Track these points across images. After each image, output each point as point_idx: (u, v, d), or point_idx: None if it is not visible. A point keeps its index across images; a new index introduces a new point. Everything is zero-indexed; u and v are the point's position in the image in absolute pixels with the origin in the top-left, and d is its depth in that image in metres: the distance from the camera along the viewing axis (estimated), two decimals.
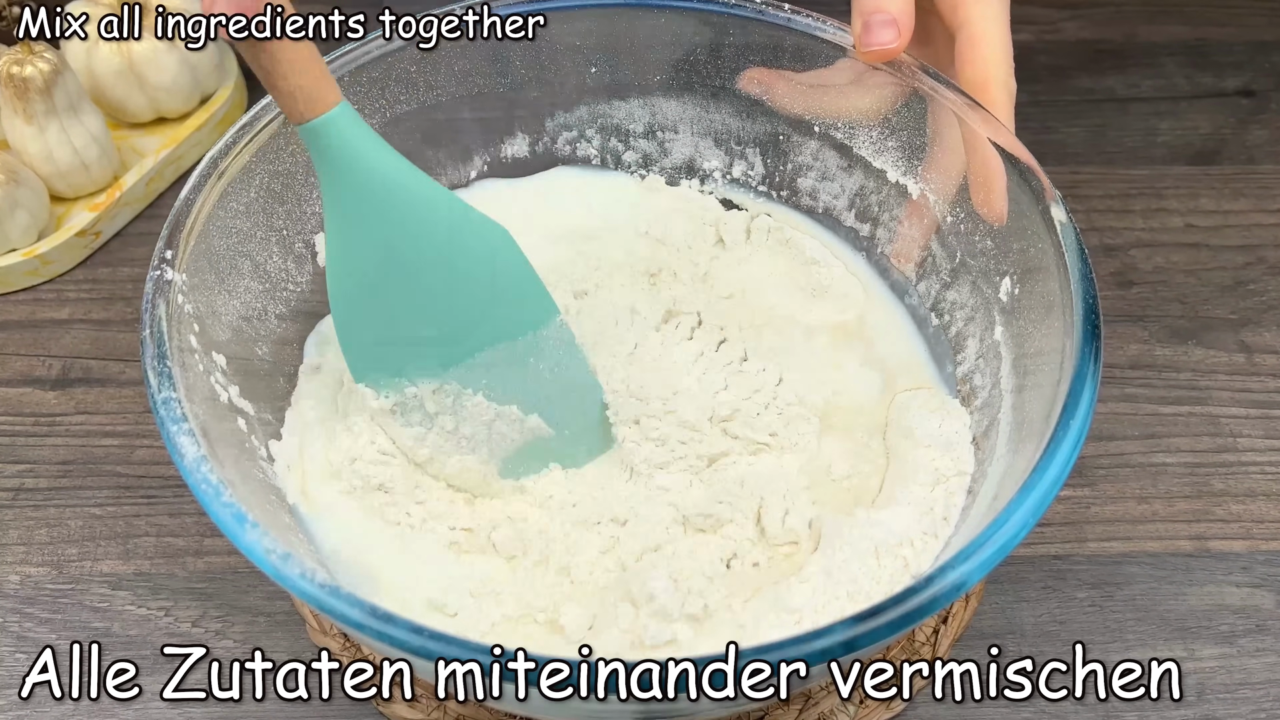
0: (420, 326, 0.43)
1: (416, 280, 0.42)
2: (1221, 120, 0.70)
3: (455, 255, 0.42)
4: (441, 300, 0.42)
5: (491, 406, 0.44)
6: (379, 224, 0.40)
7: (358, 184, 0.39)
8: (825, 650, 0.31)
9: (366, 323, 0.42)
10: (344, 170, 0.39)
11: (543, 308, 0.44)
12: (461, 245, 0.42)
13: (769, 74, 0.51)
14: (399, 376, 0.43)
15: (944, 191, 0.48)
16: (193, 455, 0.35)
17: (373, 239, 0.41)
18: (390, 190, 0.40)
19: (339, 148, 0.39)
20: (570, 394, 0.45)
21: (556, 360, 0.45)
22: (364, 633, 0.32)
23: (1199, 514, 0.52)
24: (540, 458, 0.46)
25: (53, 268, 0.61)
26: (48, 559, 0.50)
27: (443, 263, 0.42)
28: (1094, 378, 0.37)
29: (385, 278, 0.41)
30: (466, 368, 0.44)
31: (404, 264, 0.41)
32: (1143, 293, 0.61)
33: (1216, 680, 0.47)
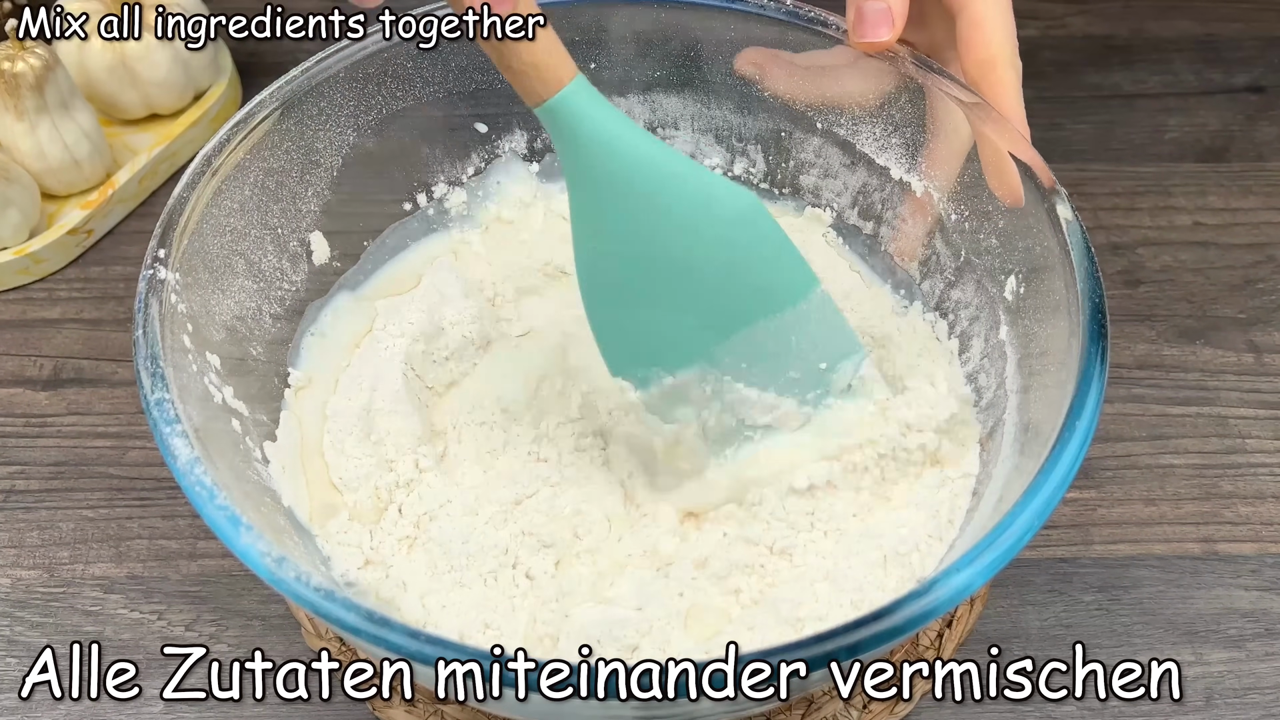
0: (676, 310, 0.41)
1: (669, 261, 0.40)
2: (1230, 117, 0.70)
3: (707, 230, 0.40)
4: (696, 280, 0.40)
5: (754, 391, 0.43)
6: (627, 203, 0.39)
7: (601, 163, 0.38)
8: (829, 654, 0.31)
9: (621, 311, 0.41)
10: (585, 149, 0.38)
11: (801, 279, 0.42)
12: (713, 219, 0.40)
13: (765, 54, 0.51)
14: (657, 366, 0.42)
15: (943, 183, 0.48)
16: (186, 457, 0.35)
17: (621, 220, 0.39)
18: (636, 166, 0.38)
19: (577, 125, 0.37)
20: (831, 370, 0.44)
21: (819, 334, 0.43)
22: (360, 637, 0.32)
23: (1207, 516, 0.52)
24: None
25: (44, 266, 0.61)
26: (39, 562, 0.50)
27: (696, 239, 0.40)
28: (1100, 378, 0.37)
29: (637, 261, 0.40)
30: (726, 350, 0.42)
31: (655, 244, 0.40)
32: (1150, 292, 0.61)
33: (1225, 685, 0.47)
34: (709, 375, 0.42)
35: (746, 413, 0.43)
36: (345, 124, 0.49)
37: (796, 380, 0.43)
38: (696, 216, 0.39)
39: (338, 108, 0.49)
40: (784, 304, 0.42)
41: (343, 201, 0.50)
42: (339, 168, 0.50)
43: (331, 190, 0.50)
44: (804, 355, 0.43)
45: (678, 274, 0.40)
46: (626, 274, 0.40)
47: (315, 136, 0.48)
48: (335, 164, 0.49)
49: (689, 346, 0.42)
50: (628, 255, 0.40)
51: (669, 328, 0.41)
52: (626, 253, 0.40)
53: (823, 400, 0.44)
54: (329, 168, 0.49)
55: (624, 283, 0.41)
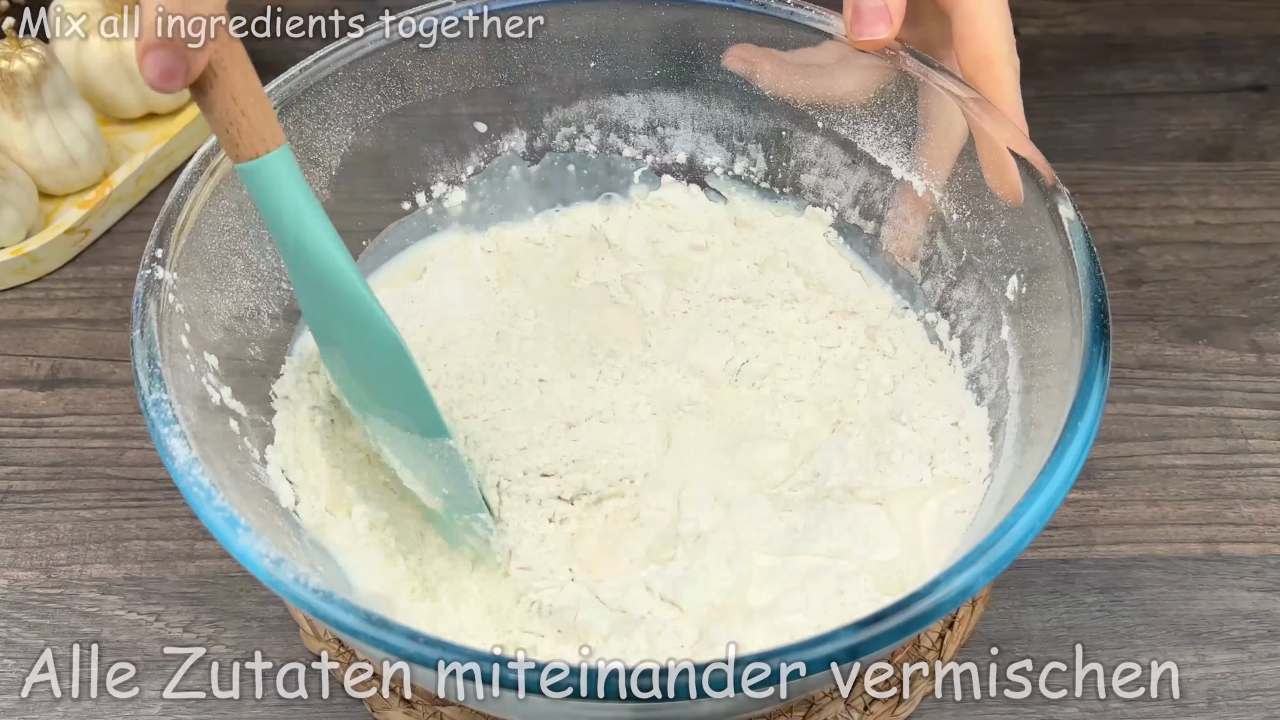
0: (340, 361, 0.43)
1: (337, 333, 0.42)
2: (1233, 116, 0.69)
3: (359, 337, 0.41)
4: (357, 364, 0.42)
5: (393, 460, 0.44)
6: (308, 277, 0.40)
7: (284, 239, 0.39)
8: (829, 656, 0.31)
9: (330, 353, 0.43)
10: (273, 222, 0.38)
11: (432, 424, 0.43)
12: (366, 336, 0.41)
13: (755, 51, 0.51)
14: (339, 388, 0.44)
15: (937, 178, 0.48)
16: (184, 458, 0.35)
17: (304, 287, 0.40)
18: (304, 251, 0.39)
19: (267, 197, 0.38)
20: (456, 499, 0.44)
21: (445, 469, 0.44)
22: (359, 639, 0.32)
23: (1210, 517, 0.52)
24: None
25: (41, 266, 0.61)
26: (36, 563, 0.50)
27: (352, 337, 0.41)
28: (1103, 378, 0.37)
29: (319, 317, 0.42)
30: (371, 422, 0.44)
31: (327, 316, 0.41)
32: (1152, 291, 0.61)
33: (1227, 686, 0.47)
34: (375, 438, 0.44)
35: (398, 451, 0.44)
36: (344, 123, 0.49)
37: (428, 480, 0.44)
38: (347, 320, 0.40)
39: (336, 107, 0.49)
40: (417, 430, 0.43)
41: (341, 201, 0.50)
42: (337, 167, 0.50)
43: (330, 189, 0.50)
44: (433, 472, 0.43)
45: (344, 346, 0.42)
46: (317, 322, 0.42)
47: (314, 135, 0.48)
48: (334, 163, 0.49)
49: (353, 393, 0.44)
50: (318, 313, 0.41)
51: (337, 365, 0.43)
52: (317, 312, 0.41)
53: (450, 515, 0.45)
54: (327, 167, 0.49)
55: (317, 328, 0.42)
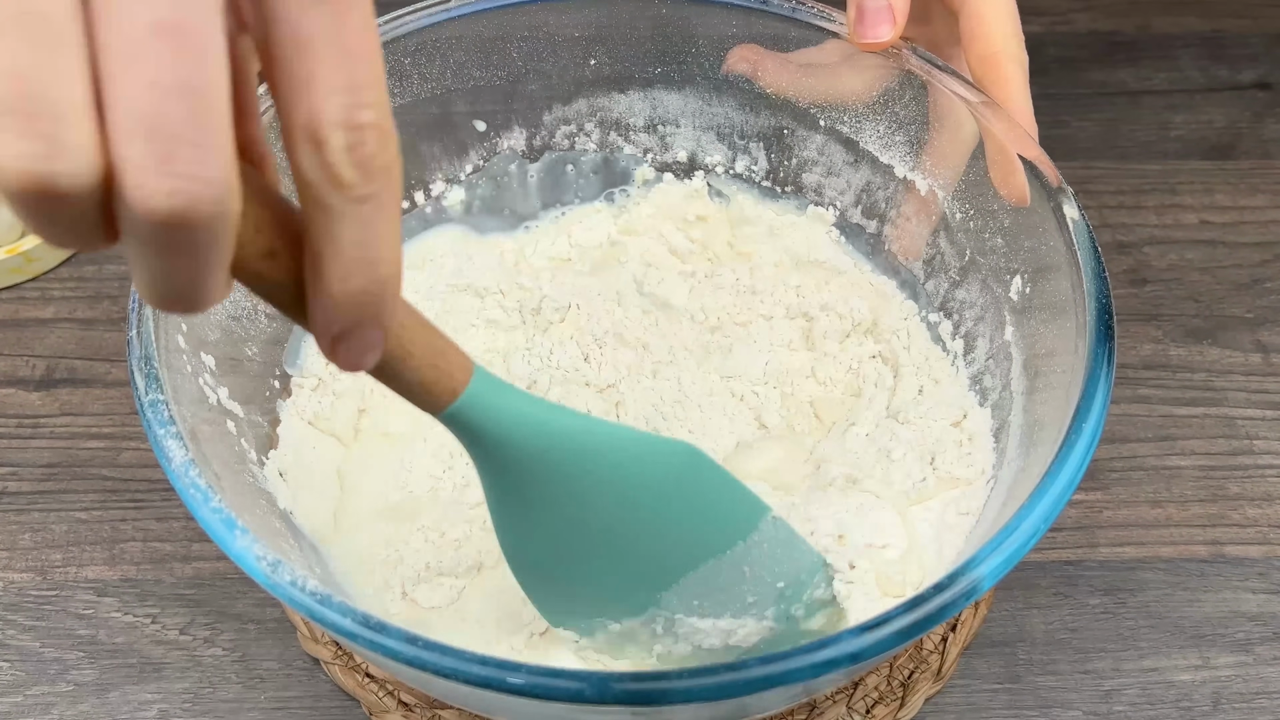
0: (616, 569, 0.38)
1: (602, 529, 0.37)
2: (1237, 114, 0.69)
3: (640, 494, 0.37)
4: (634, 540, 0.38)
5: (708, 621, 0.40)
6: (550, 486, 0.36)
7: (516, 453, 0.34)
8: (831, 661, 0.31)
9: (553, 578, 0.39)
10: (497, 444, 0.34)
11: (748, 512, 0.40)
12: (645, 481, 0.37)
13: (758, 52, 0.51)
14: (601, 618, 0.40)
15: (947, 180, 0.48)
16: (180, 459, 0.35)
17: (546, 501, 0.36)
18: (555, 449, 0.35)
19: (485, 424, 0.33)
20: (790, 585, 0.41)
21: (773, 559, 0.40)
22: (356, 642, 0.32)
23: (1214, 518, 0.52)
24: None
25: (37, 265, 0.61)
26: (31, 564, 0.50)
27: (629, 505, 0.37)
28: (1107, 379, 0.37)
29: (567, 535, 0.37)
30: (674, 593, 0.39)
31: (584, 516, 0.37)
32: (1156, 291, 0.61)
33: (1233, 689, 0.47)
34: (658, 617, 0.40)
35: (701, 640, 0.40)
36: None
37: (754, 603, 0.40)
38: (625, 484, 0.37)
39: None
40: (732, 540, 0.39)
41: None
42: None
43: None
44: (759, 580, 0.40)
45: (612, 538, 0.38)
46: (556, 546, 0.38)
47: None
48: None
49: (633, 598, 0.39)
50: (556, 531, 0.37)
51: (609, 585, 0.39)
52: (555, 529, 0.37)
53: (786, 615, 0.41)
54: None
55: (555, 553, 0.38)
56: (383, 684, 0.46)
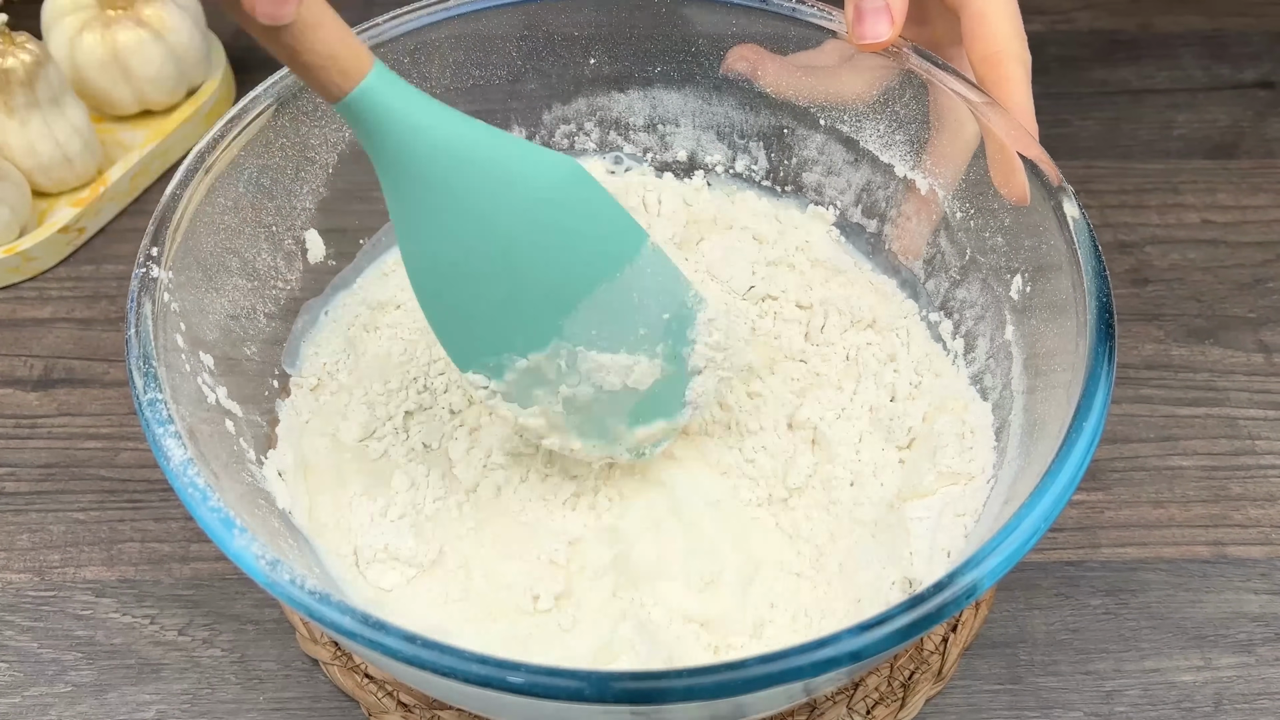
0: (517, 292, 0.40)
1: (500, 244, 0.39)
2: (1239, 113, 0.70)
3: (532, 205, 0.38)
4: (530, 258, 0.39)
5: (607, 356, 0.42)
6: (447, 193, 0.37)
7: (412, 154, 0.36)
8: (831, 660, 0.31)
9: (459, 306, 0.40)
10: (394, 141, 0.36)
11: (630, 236, 0.41)
12: (536, 191, 0.39)
13: (758, 52, 0.51)
14: (508, 352, 0.41)
15: (949, 179, 0.48)
16: (179, 458, 0.35)
17: (443, 211, 0.38)
18: (450, 152, 0.37)
19: (383, 117, 0.35)
20: (675, 319, 0.43)
21: (656, 286, 0.42)
22: (355, 641, 0.32)
23: (1216, 519, 0.52)
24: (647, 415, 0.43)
25: (34, 265, 0.61)
26: (29, 565, 0.50)
27: (522, 217, 0.39)
28: (1108, 379, 0.37)
29: (467, 251, 0.39)
30: (573, 321, 0.41)
31: (483, 230, 0.38)
32: (1158, 291, 0.61)
33: (1234, 690, 0.47)
34: (561, 349, 0.41)
35: (603, 379, 0.42)
36: (340, 120, 0.49)
37: (645, 336, 0.42)
38: (519, 193, 0.38)
39: None
40: (620, 264, 0.41)
41: (338, 198, 0.50)
42: (334, 164, 0.50)
43: (327, 187, 0.50)
44: (647, 310, 0.42)
45: (511, 256, 0.39)
46: (458, 266, 0.39)
47: (310, 132, 0.48)
48: (331, 160, 0.49)
49: (537, 326, 0.41)
50: (456, 246, 0.39)
51: (513, 312, 0.40)
52: (454, 244, 0.39)
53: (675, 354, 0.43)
54: (324, 164, 0.49)
55: (458, 275, 0.39)
56: (382, 685, 0.46)
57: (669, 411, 0.44)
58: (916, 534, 0.44)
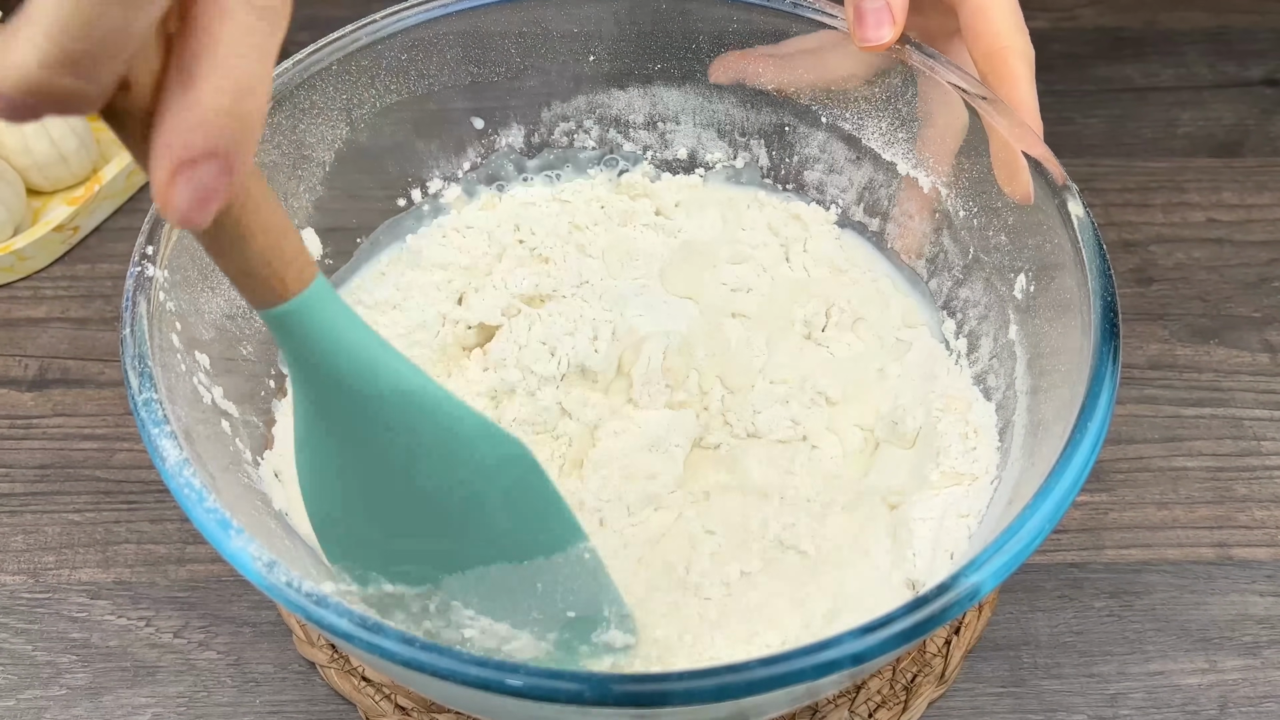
0: (406, 538, 0.37)
1: (404, 492, 0.36)
2: (1245, 111, 0.70)
3: (454, 470, 0.36)
4: (435, 516, 0.37)
5: (485, 620, 0.39)
6: (359, 428, 0.34)
7: (334, 384, 0.33)
8: (833, 662, 0.31)
9: (343, 524, 0.37)
10: (320, 365, 0.33)
11: (563, 533, 0.39)
12: (462, 460, 0.36)
13: (740, 59, 0.51)
14: (373, 571, 0.38)
15: (938, 170, 0.48)
16: (175, 459, 0.35)
17: (350, 443, 0.35)
18: (377, 395, 0.34)
19: (313, 337, 0.32)
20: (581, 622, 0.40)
21: (572, 587, 0.39)
22: (353, 644, 0.32)
23: (1221, 520, 0.52)
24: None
25: (29, 264, 0.61)
26: (24, 567, 0.50)
27: (438, 476, 0.36)
28: (1112, 379, 0.37)
29: (366, 484, 0.36)
30: (457, 580, 0.38)
31: (389, 474, 0.36)
32: (1163, 290, 0.61)
33: (1240, 693, 0.47)
34: (435, 595, 0.38)
35: (473, 636, 0.39)
36: (337, 118, 0.49)
37: (538, 620, 0.39)
38: (444, 453, 0.36)
39: (330, 101, 0.49)
40: (533, 553, 0.38)
41: (335, 197, 0.50)
42: (331, 163, 0.50)
43: (324, 185, 0.50)
44: (549, 600, 0.39)
45: (413, 504, 0.37)
46: (352, 490, 0.36)
47: (307, 130, 0.48)
48: (327, 159, 0.49)
49: (416, 568, 0.38)
50: (356, 474, 0.36)
51: (395, 547, 0.37)
52: (355, 472, 0.36)
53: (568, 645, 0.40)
54: (321, 162, 0.49)
55: (349, 495, 0.36)
56: (379, 687, 0.46)
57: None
58: (919, 535, 0.44)
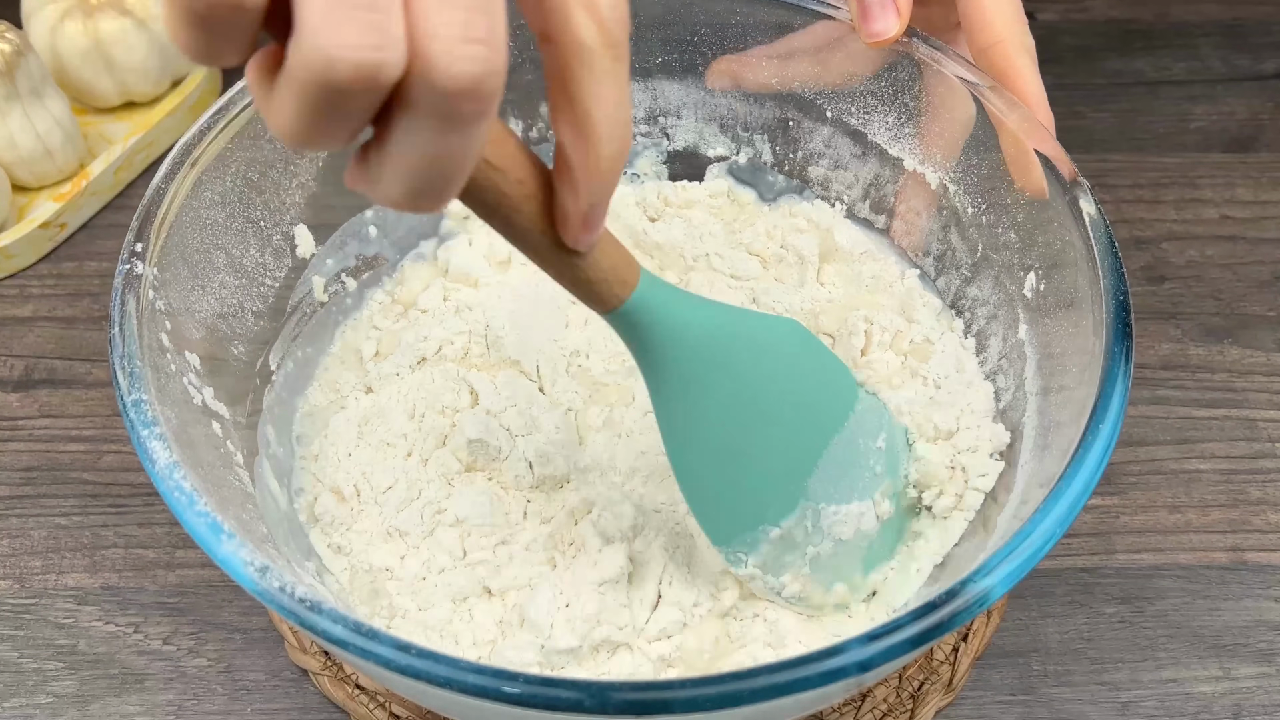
0: (767, 461, 0.41)
1: (751, 417, 0.41)
2: (1259, 105, 0.70)
3: (773, 371, 0.41)
4: (775, 423, 0.41)
5: (843, 506, 0.43)
6: (705, 381, 0.39)
7: (677, 351, 0.38)
8: (838, 670, 0.31)
9: (718, 487, 0.41)
10: (662, 343, 0.37)
11: (848, 385, 0.44)
12: (776, 362, 0.41)
13: (736, 62, 0.51)
14: (762, 524, 0.42)
15: (945, 166, 0.48)
16: (164, 460, 0.35)
17: (703, 397, 0.39)
18: (707, 342, 0.38)
19: (653, 323, 0.37)
20: (890, 458, 0.44)
21: (872, 425, 0.44)
22: (347, 650, 0.32)
23: (1235, 524, 0.52)
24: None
25: (15, 262, 0.61)
26: (10, 572, 0.50)
27: (766, 385, 0.41)
28: (1124, 379, 0.37)
29: (723, 429, 0.40)
30: (816, 479, 0.42)
31: (736, 407, 0.40)
32: (1175, 288, 0.61)
33: (1254, 701, 0.47)
34: (807, 509, 0.42)
35: (840, 530, 0.43)
36: None
37: (871, 480, 0.44)
38: (763, 368, 0.40)
39: None
40: (845, 414, 0.43)
41: (328, 193, 0.50)
42: (324, 158, 0.50)
43: (317, 181, 0.50)
44: (869, 454, 0.44)
45: (760, 425, 0.41)
46: (716, 445, 0.40)
47: None
48: (320, 154, 0.49)
49: (786, 491, 0.42)
50: (714, 427, 0.40)
51: (764, 482, 0.41)
52: (713, 425, 0.40)
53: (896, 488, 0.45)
54: (314, 158, 0.49)
55: (716, 454, 0.41)
56: (373, 696, 0.46)
57: (889, 553, 0.45)
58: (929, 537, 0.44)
